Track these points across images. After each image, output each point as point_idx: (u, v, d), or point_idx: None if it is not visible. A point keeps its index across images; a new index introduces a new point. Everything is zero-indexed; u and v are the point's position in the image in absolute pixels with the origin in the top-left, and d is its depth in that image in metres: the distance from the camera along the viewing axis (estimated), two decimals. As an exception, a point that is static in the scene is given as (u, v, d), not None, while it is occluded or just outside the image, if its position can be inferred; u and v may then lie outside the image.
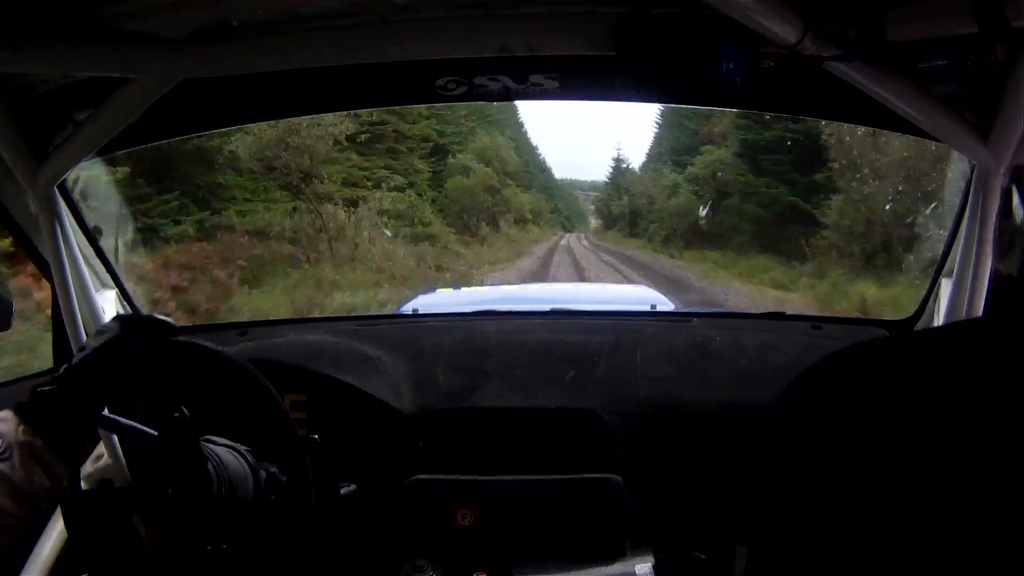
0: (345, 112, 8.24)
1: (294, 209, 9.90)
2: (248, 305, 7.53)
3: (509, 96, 1.18)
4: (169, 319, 0.92)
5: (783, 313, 1.66)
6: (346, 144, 10.85)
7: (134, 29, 0.99)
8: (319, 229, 9.86)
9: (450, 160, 14.80)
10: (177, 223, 8.40)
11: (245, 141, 9.37)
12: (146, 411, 1.21)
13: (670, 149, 18.61)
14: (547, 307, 1.70)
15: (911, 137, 1.24)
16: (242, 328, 1.58)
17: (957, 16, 0.83)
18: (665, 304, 2.80)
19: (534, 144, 25.86)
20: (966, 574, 0.32)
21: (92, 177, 1.45)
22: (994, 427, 0.34)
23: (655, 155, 20.82)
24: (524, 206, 19.17)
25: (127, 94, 1.10)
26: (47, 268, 1.28)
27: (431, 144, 13.83)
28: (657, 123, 20.30)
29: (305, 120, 9.22)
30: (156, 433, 1.03)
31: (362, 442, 1.29)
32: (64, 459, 0.83)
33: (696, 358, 1.39)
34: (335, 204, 10.40)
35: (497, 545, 1.25)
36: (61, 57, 0.98)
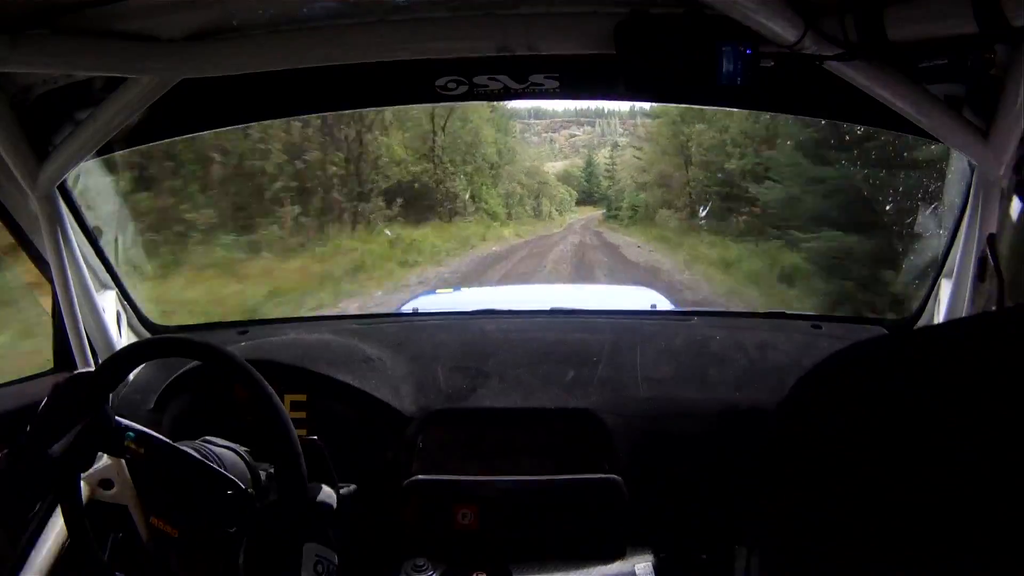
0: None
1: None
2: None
3: (509, 96, 1.19)
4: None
5: (783, 312, 1.66)
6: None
7: (134, 29, 1.00)
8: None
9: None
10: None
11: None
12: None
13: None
14: (547, 307, 1.70)
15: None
16: (242, 327, 1.58)
17: (957, 16, 0.83)
18: (665, 304, 2.80)
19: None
20: (973, 572, 0.32)
21: (92, 177, 1.44)
22: (1004, 427, 0.33)
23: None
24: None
25: (127, 94, 1.10)
26: (47, 268, 1.28)
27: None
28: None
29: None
30: (164, 438, 1.04)
31: (362, 442, 1.29)
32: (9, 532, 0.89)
33: (696, 358, 1.39)
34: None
35: (497, 545, 1.25)
36: (61, 57, 0.98)
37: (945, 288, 1.32)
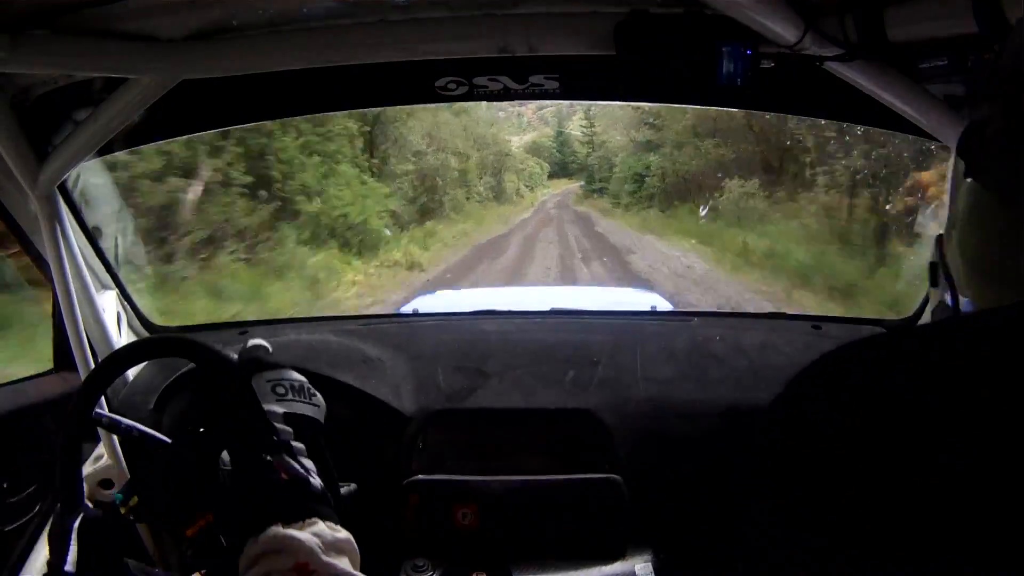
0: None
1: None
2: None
3: (509, 96, 1.19)
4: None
5: (783, 313, 1.66)
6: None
7: (134, 29, 0.99)
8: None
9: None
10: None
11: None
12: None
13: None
14: (547, 308, 1.70)
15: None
16: (242, 327, 1.58)
17: (957, 16, 0.83)
18: (665, 305, 2.80)
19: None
20: (968, 568, 0.32)
21: (92, 177, 1.44)
22: (995, 424, 0.33)
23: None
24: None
25: (127, 94, 1.10)
26: (47, 268, 1.28)
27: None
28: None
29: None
30: (164, 437, 1.03)
31: (362, 442, 1.29)
32: None
33: (696, 358, 1.39)
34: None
35: (497, 545, 1.25)
36: (61, 57, 0.98)
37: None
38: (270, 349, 0.94)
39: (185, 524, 0.91)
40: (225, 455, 0.94)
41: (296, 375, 0.92)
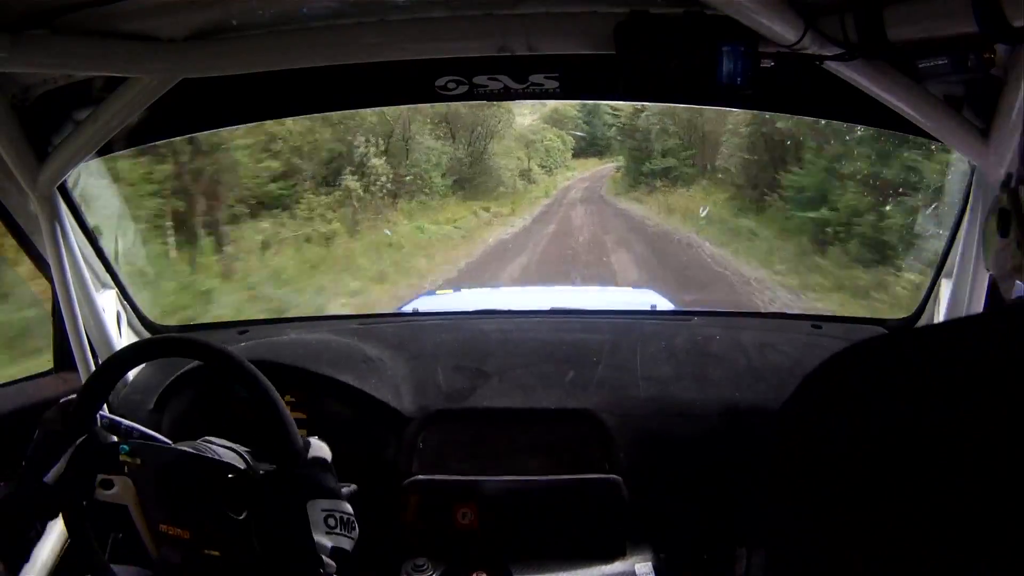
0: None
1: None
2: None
3: (509, 96, 1.19)
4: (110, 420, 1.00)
5: (783, 312, 1.66)
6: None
7: (134, 29, 1.00)
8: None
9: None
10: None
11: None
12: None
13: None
14: (547, 307, 1.70)
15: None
16: (242, 327, 1.58)
17: (957, 16, 0.83)
18: (665, 304, 2.79)
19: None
20: (977, 567, 0.32)
21: (92, 177, 1.44)
22: (1005, 427, 0.33)
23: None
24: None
25: (127, 94, 1.10)
26: (47, 268, 1.28)
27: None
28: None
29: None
30: (164, 438, 1.04)
31: (362, 442, 1.29)
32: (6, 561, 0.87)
33: (696, 358, 1.38)
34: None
35: (497, 545, 1.25)
36: (61, 57, 0.98)
37: (945, 288, 1.32)
38: (328, 459, 1.00)
39: (164, 520, 0.93)
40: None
41: (348, 507, 0.98)
